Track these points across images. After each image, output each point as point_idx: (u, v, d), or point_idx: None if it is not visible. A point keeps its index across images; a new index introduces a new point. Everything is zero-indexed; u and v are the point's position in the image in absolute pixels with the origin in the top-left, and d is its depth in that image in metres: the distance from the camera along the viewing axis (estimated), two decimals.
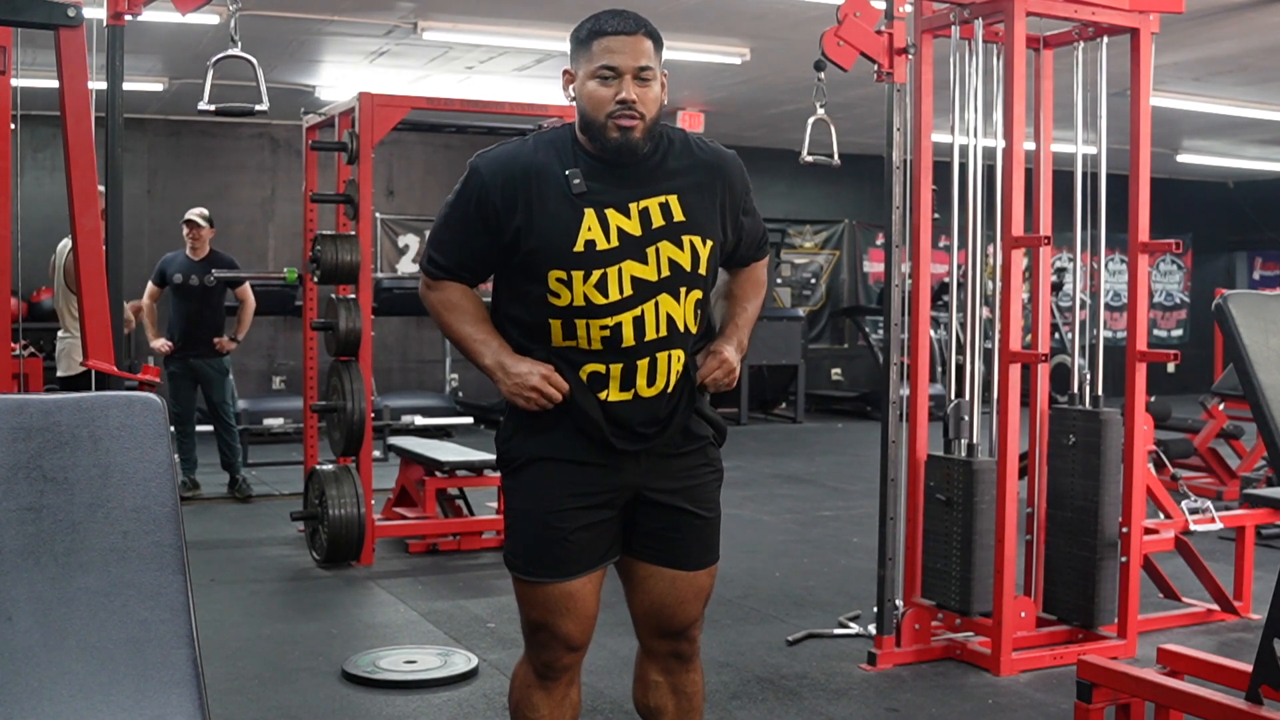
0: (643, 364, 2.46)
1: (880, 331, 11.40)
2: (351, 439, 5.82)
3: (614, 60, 2.38)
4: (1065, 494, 4.41)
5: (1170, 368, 13.01)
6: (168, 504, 2.03)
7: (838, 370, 14.28)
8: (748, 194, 2.63)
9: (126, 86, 3.60)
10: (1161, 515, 4.99)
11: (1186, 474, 7.46)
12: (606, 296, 2.42)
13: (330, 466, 5.88)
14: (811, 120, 4.56)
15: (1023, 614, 4.30)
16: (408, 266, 12.00)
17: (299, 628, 4.86)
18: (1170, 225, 7.72)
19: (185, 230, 7.54)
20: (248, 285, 7.72)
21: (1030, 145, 4.41)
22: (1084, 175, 4.49)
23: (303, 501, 6.12)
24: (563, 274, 2.41)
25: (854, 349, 14.24)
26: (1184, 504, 4.84)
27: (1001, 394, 4.20)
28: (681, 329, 2.49)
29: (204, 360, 7.51)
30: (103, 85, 3.49)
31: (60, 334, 6.25)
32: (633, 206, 2.44)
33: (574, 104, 2.47)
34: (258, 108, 3.75)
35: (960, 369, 4.42)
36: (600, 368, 2.46)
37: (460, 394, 11.78)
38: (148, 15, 3.70)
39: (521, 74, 9.50)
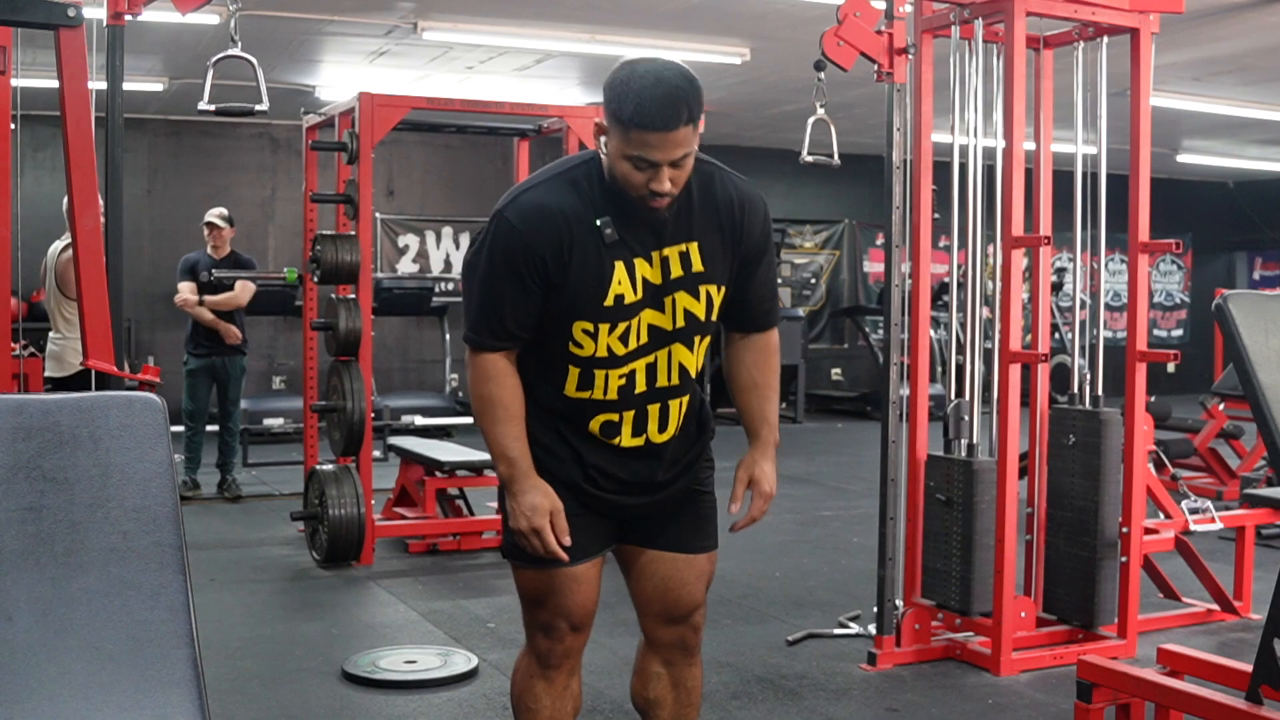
0: (654, 409, 2.48)
1: (880, 331, 11.40)
2: (351, 439, 5.82)
3: (650, 154, 2.26)
4: (1065, 494, 4.41)
5: (1170, 368, 13.01)
6: (168, 504, 2.03)
7: (838, 370, 14.28)
8: (765, 242, 2.52)
9: (126, 86, 3.59)
10: (1161, 515, 4.99)
11: (1186, 474, 7.45)
12: (626, 345, 2.42)
13: (330, 466, 5.88)
14: (811, 120, 4.56)
15: (1023, 614, 4.30)
16: (408, 266, 12.00)
17: (299, 628, 4.86)
18: (1170, 225, 7.71)
19: (206, 231, 7.59)
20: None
21: (1030, 145, 4.41)
22: (1084, 175, 4.49)
23: (303, 501, 6.12)
24: (589, 326, 2.39)
25: (854, 349, 14.24)
26: (1184, 504, 4.83)
27: (1001, 394, 4.20)
28: (694, 374, 2.52)
29: (225, 358, 7.56)
30: (103, 85, 3.49)
31: (51, 335, 6.24)
32: (655, 254, 2.40)
33: (603, 154, 2.37)
34: (258, 108, 3.75)
35: (960, 369, 4.42)
36: (614, 416, 2.47)
37: (460, 394, 11.78)
38: (148, 15, 3.69)
39: (521, 74, 9.50)
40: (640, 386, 2.45)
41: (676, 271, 2.41)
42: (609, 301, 2.37)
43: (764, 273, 2.55)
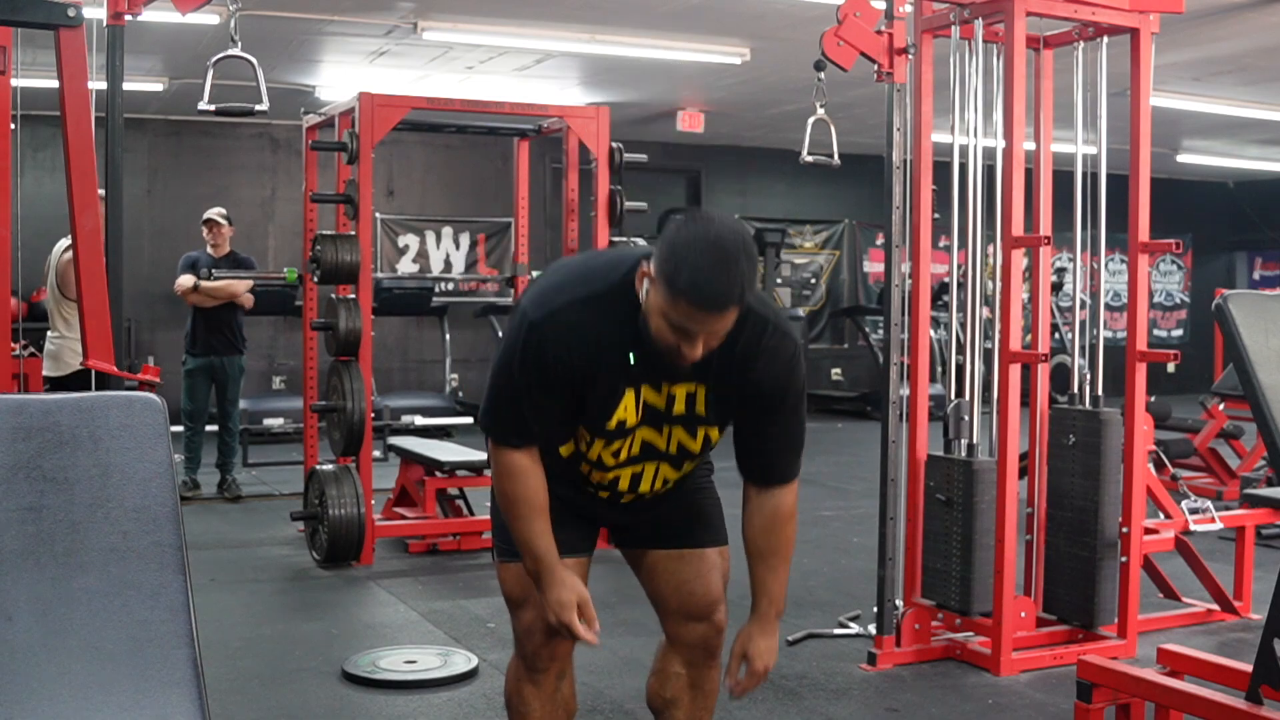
0: (642, 489, 2.55)
1: (880, 331, 11.39)
2: (351, 439, 5.82)
3: (693, 327, 2.18)
4: (1065, 494, 4.41)
5: (1170, 368, 13.01)
6: (168, 504, 2.03)
7: (838, 370, 14.28)
8: (784, 391, 2.42)
9: (126, 86, 3.59)
10: (1161, 515, 4.99)
11: (1186, 474, 7.45)
12: (617, 459, 2.48)
13: (330, 466, 5.88)
14: (811, 120, 4.56)
15: (1023, 614, 4.30)
16: (408, 266, 12.00)
17: (299, 628, 4.86)
18: (1170, 225, 7.70)
19: (206, 230, 7.58)
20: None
21: (1030, 145, 4.41)
22: (1084, 175, 4.49)
23: (303, 501, 6.12)
24: (588, 436, 2.45)
25: (854, 349, 14.24)
26: (1184, 504, 4.83)
27: (1001, 394, 4.20)
28: (674, 482, 2.58)
29: (224, 358, 7.56)
30: (103, 85, 3.49)
31: (50, 335, 6.24)
32: (665, 386, 2.40)
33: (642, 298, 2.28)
34: (258, 108, 3.75)
35: (960, 369, 4.42)
36: (606, 477, 2.54)
37: (460, 394, 11.78)
38: (148, 15, 3.69)
39: (521, 74, 9.50)
40: (623, 487, 2.53)
41: (679, 409, 2.42)
42: (612, 425, 2.41)
43: (783, 422, 2.46)
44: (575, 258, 2.48)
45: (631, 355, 2.31)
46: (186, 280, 7.41)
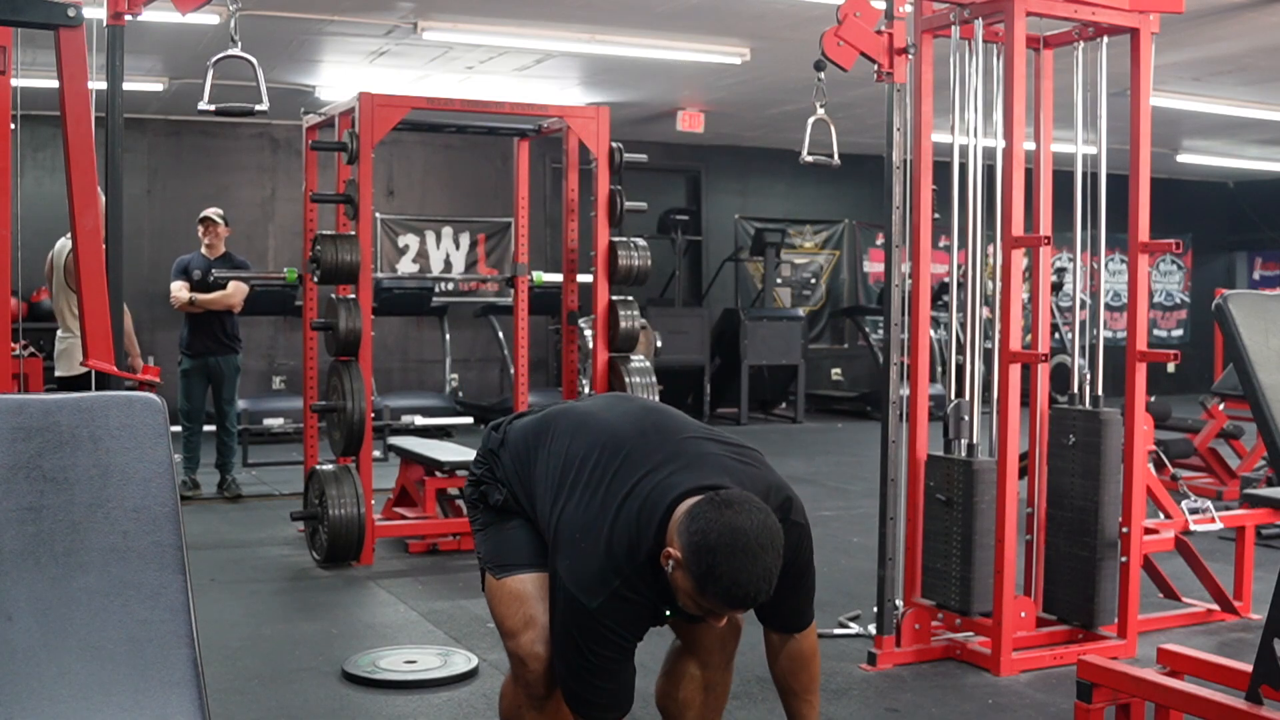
0: None
1: (880, 331, 11.40)
2: (351, 439, 5.82)
3: (724, 613, 2.34)
4: (1065, 494, 4.41)
5: (1170, 368, 13.02)
6: (168, 504, 2.03)
7: (838, 370, 14.28)
8: (805, 572, 2.60)
9: (126, 86, 3.59)
10: (1161, 515, 4.99)
11: (1186, 474, 7.45)
12: None
13: (330, 466, 5.88)
14: (811, 120, 4.56)
15: (1023, 614, 4.30)
16: (408, 266, 12.00)
17: (299, 628, 4.86)
18: (1170, 225, 7.70)
19: (202, 229, 7.57)
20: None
21: (1030, 145, 4.41)
22: (1084, 175, 4.49)
23: (303, 501, 6.12)
24: None
25: (854, 349, 14.24)
26: (1184, 504, 4.83)
27: (1001, 394, 4.20)
28: None
29: (219, 358, 7.56)
30: (103, 85, 3.49)
31: (60, 334, 6.25)
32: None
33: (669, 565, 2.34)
34: (258, 108, 3.75)
35: (960, 369, 4.42)
36: None
37: (460, 394, 11.78)
38: (148, 15, 3.69)
39: (521, 74, 9.50)
40: None
41: None
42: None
43: (791, 590, 2.52)
44: (591, 532, 2.41)
45: (668, 611, 2.41)
46: (182, 294, 7.40)
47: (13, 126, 3.63)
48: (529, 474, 2.55)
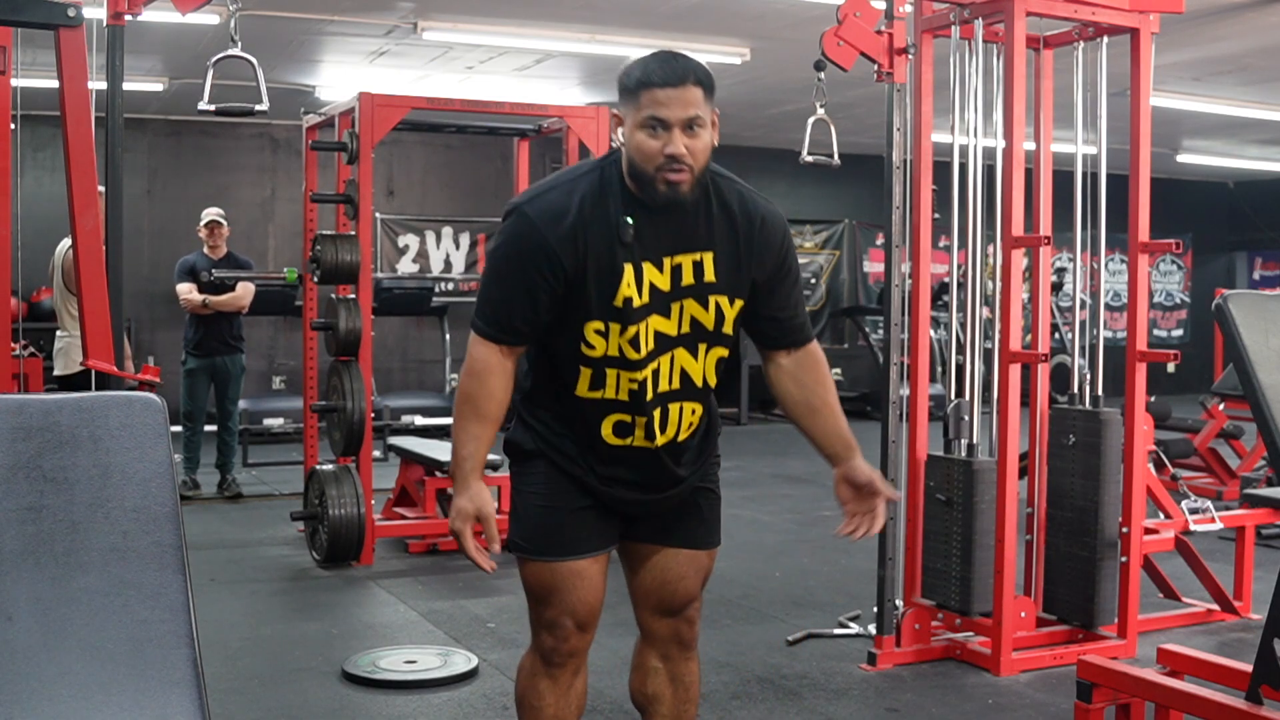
0: (657, 414, 2.48)
1: (880, 331, 11.40)
2: (351, 439, 5.82)
3: (661, 113, 2.31)
4: (1065, 494, 4.41)
5: (1170, 368, 13.01)
6: (168, 504, 2.03)
7: (838, 370, 14.26)
8: (788, 259, 2.53)
9: (126, 86, 3.59)
10: (1161, 515, 4.99)
11: (1186, 474, 7.45)
12: (638, 352, 2.43)
13: (330, 466, 5.88)
14: (811, 120, 4.56)
15: (1023, 614, 4.30)
16: (408, 266, 12.00)
17: (299, 628, 4.86)
18: (1170, 225, 7.71)
19: (208, 231, 7.59)
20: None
21: (1030, 145, 4.41)
22: (1084, 175, 4.49)
23: (303, 501, 6.12)
24: (600, 325, 2.41)
25: (854, 349, 14.24)
26: (1184, 504, 4.83)
27: (1001, 394, 4.20)
28: (699, 384, 2.51)
29: (225, 358, 7.58)
30: (103, 85, 3.49)
31: (59, 333, 6.26)
32: (667, 261, 2.42)
33: (623, 147, 2.41)
34: (258, 108, 3.75)
35: (960, 369, 4.42)
36: (626, 418, 2.48)
37: None
38: (148, 15, 3.69)
39: (521, 74, 9.50)
40: (649, 393, 2.46)
41: (688, 279, 2.43)
42: (618, 302, 2.39)
43: (790, 287, 2.55)
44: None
45: (619, 219, 2.37)
46: (194, 296, 7.41)
47: (13, 126, 3.63)
48: None
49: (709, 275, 2.43)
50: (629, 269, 2.38)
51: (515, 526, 2.59)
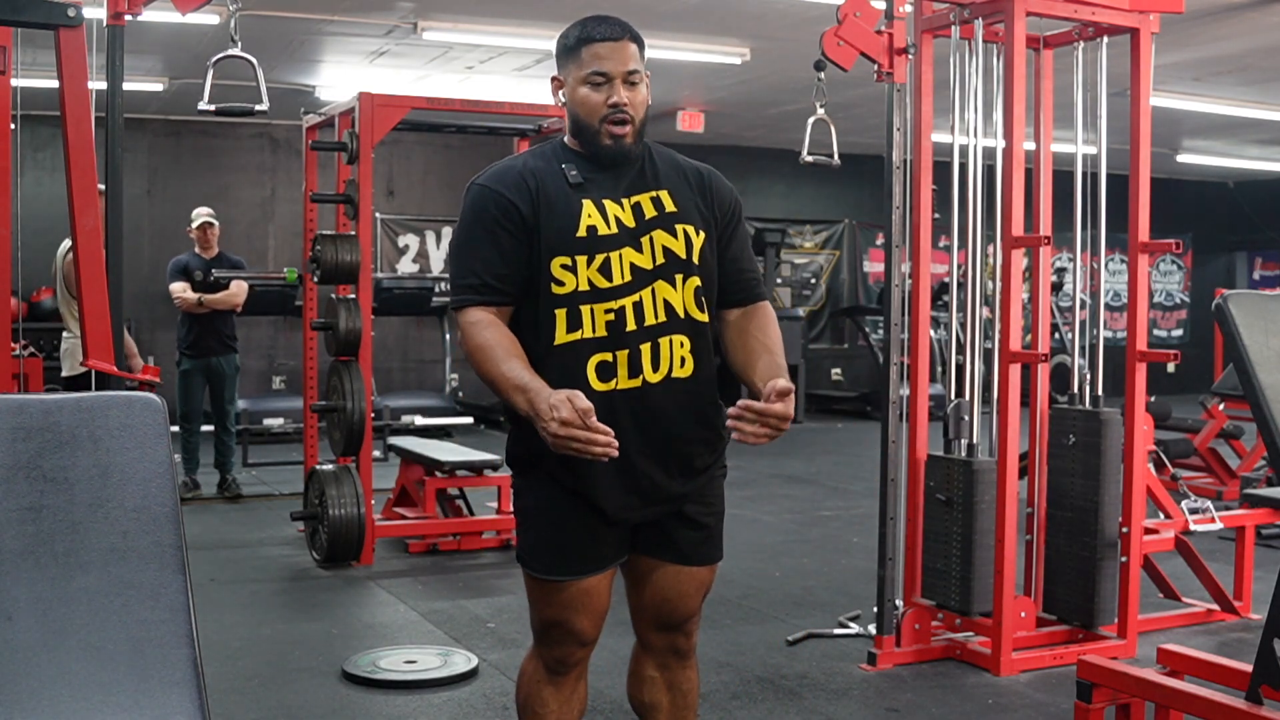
0: (645, 349, 2.45)
1: (880, 331, 11.40)
2: (351, 439, 5.82)
3: (603, 66, 2.47)
4: (1065, 494, 4.41)
5: (1170, 368, 13.01)
6: (168, 504, 2.03)
7: (838, 370, 14.28)
8: (738, 209, 2.63)
9: (126, 86, 3.59)
10: (1161, 515, 4.99)
11: (1186, 474, 7.45)
12: (610, 280, 2.43)
13: (330, 466, 5.88)
14: (811, 120, 4.56)
15: (1023, 614, 4.30)
16: (408, 266, 12.00)
17: (299, 628, 4.86)
18: (1170, 225, 7.72)
19: (201, 232, 7.58)
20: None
21: (1030, 145, 4.41)
22: (1084, 175, 4.49)
23: (303, 501, 6.12)
24: (567, 260, 2.43)
25: (854, 349, 14.25)
26: (1184, 504, 4.83)
27: (1001, 394, 4.20)
28: (682, 315, 2.48)
29: (219, 358, 7.57)
30: (103, 85, 3.49)
31: (65, 334, 6.27)
32: (625, 200, 2.49)
33: (565, 109, 2.53)
34: (258, 108, 3.75)
35: (960, 369, 4.42)
36: (608, 356, 2.44)
37: (460, 394, 11.77)
38: (148, 15, 3.69)
39: (521, 74, 9.50)
40: (630, 324, 2.44)
41: (650, 213, 2.50)
42: (581, 233, 2.44)
43: (741, 241, 2.64)
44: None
45: (564, 165, 2.49)
46: (190, 296, 7.41)
47: (13, 126, 3.63)
48: None
49: (669, 206, 2.51)
50: (588, 203, 2.46)
51: (523, 542, 2.58)
